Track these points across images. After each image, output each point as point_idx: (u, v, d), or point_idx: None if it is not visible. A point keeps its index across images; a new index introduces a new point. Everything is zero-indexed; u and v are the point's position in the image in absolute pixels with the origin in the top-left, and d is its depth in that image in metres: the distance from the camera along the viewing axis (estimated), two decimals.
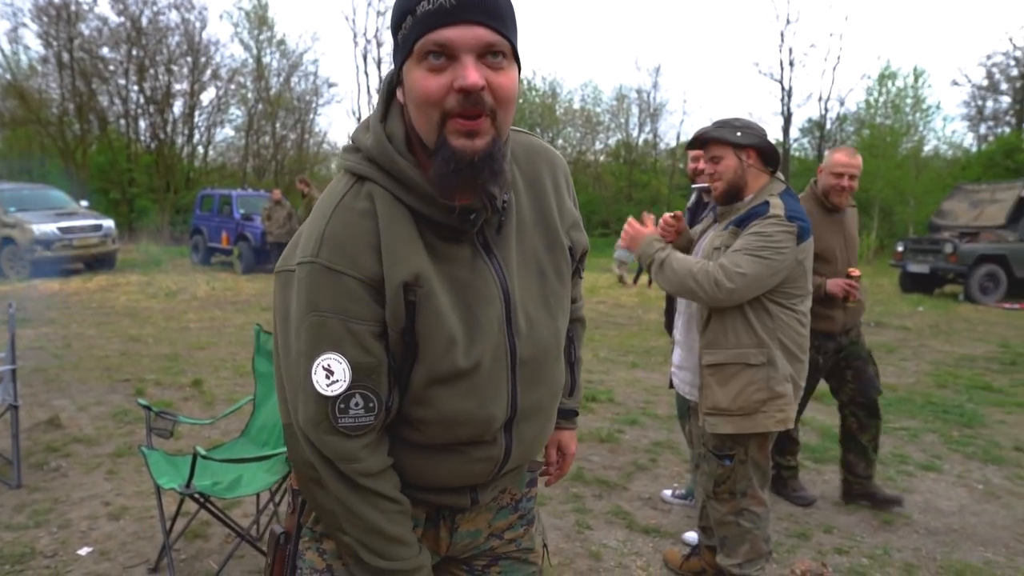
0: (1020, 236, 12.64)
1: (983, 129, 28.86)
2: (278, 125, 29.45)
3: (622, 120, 32.02)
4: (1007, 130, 26.93)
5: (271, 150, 29.62)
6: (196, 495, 2.47)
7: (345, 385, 1.00)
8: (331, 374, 1.00)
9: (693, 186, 3.47)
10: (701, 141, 2.55)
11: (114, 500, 3.43)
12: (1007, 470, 4.18)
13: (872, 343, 8.54)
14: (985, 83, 28.35)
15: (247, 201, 15.60)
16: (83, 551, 2.94)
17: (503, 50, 0.96)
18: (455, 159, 0.96)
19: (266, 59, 28.90)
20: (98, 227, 13.68)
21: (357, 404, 1.01)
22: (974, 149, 27.55)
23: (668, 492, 3.65)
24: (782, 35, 35.01)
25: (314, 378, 1.00)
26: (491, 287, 1.06)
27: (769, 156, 2.48)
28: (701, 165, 3.13)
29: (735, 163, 2.45)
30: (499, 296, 1.07)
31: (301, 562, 1.18)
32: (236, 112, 28.80)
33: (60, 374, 5.83)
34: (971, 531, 3.36)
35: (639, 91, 32.20)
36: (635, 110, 32.19)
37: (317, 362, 0.99)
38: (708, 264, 2.32)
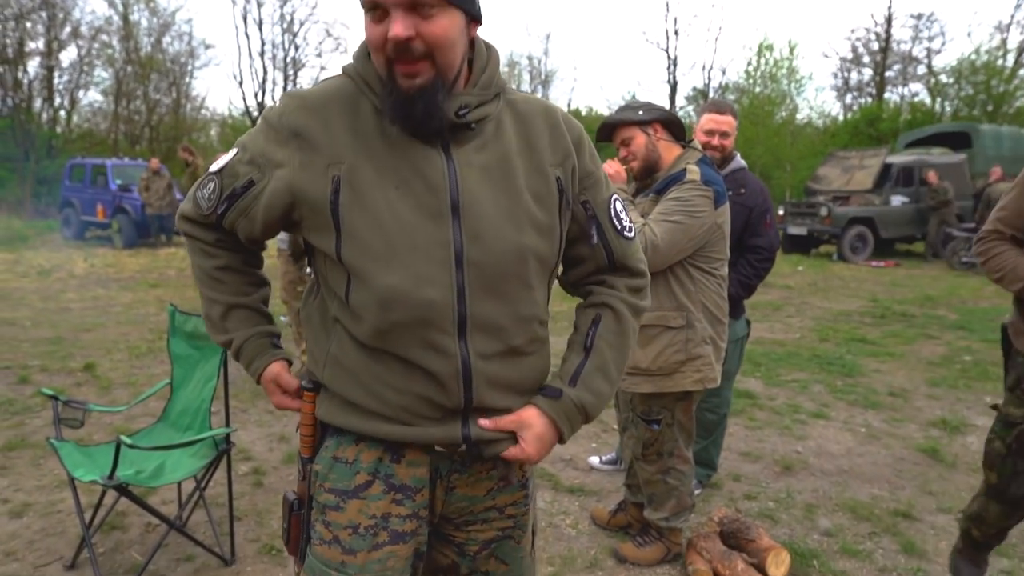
0: (885, 199, 13.74)
1: (849, 99, 30.96)
2: (150, 89, 27.51)
3: (514, 86, 32.04)
4: (869, 100, 28.99)
5: (144, 115, 27.63)
6: (119, 486, 2.35)
7: (216, 168, 1.25)
8: (218, 161, 1.27)
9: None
10: (609, 128, 2.62)
11: (13, 497, 3.20)
12: (884, 414, 4.61)
13: (760, 302, 9.21)
14: (850, 56, 30.36)
15: (123, 171, 14.54)
16: None
17: (430, 2, 1.05)
18: (395, 92, 1.11)
19: (134, 17, 26.78)
20: None
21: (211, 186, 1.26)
22: (841, 118, 29.50)
23: (596, 459, 3.73)
24: (667, 5, 36.04)
25: (219, 159, 1.27)
26: (438, 178, 1.14)
27: (675, 127, 2.59)
28: (703, 138, 3.10)
29: (644, 139, 2.55)
30: (446, 188, 1.14)
31: (313, 532, 1.26)
32: (102, 74, 26.61)
33: None
34: (858, 471, 3.71)
35: (530, 58, 32.48)
36: (527, 76, 32.31)
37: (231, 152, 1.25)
38: (644, 228, 2.39)
